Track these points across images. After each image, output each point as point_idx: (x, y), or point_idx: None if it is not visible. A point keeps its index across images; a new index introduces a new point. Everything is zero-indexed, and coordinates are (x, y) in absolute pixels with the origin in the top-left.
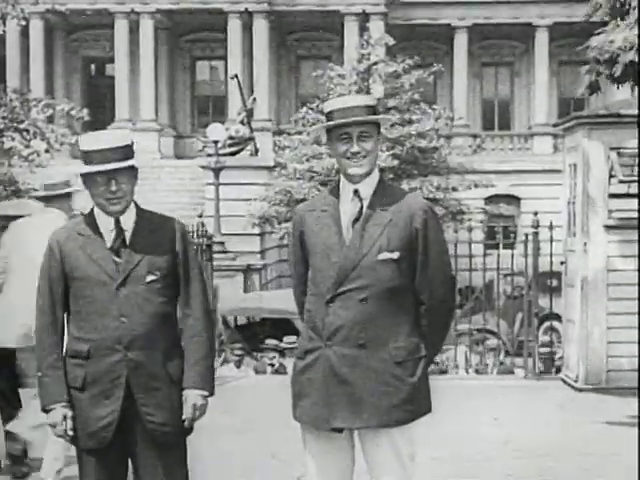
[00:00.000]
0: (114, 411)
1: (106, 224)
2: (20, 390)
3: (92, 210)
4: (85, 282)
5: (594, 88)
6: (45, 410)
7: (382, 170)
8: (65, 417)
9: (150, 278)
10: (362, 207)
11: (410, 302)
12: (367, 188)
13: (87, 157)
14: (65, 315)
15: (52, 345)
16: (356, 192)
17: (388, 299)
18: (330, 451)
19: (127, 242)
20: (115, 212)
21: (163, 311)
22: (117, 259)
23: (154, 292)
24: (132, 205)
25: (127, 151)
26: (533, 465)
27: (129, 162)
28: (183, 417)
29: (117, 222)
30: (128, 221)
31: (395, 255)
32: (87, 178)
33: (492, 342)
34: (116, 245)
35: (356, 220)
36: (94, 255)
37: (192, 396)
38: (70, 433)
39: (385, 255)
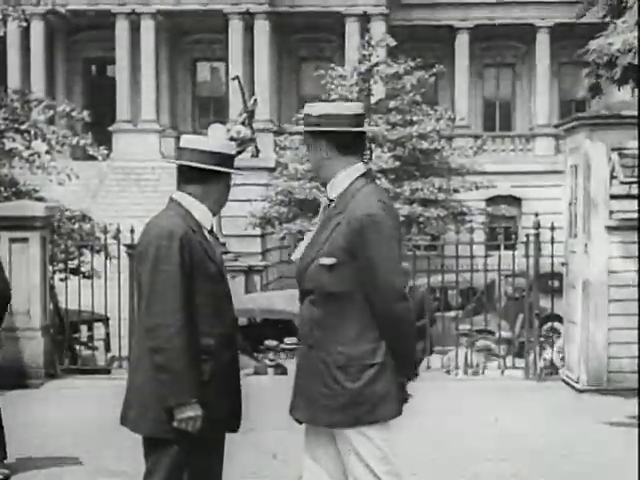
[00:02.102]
0: (237, 402)
1: (205, 222)
2: None
3: (184, 207)
4: (215, 279)
5: (595, 90)
6: (180, 404)
7: (383, 171)
8: (198, 412)
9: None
10: (326, 209)
11: (359, 309)
12: (334, 189)
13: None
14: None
15: (189, 342)
16: (325, 195)
17: (332, 304)
18: (320, 446)
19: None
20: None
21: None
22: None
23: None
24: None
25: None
26: (534, 465)
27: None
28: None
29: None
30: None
31: (330, 261)
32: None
33: (493, 343)
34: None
35: (320, 221)
36: (209, 252)
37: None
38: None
39: (323, 260)
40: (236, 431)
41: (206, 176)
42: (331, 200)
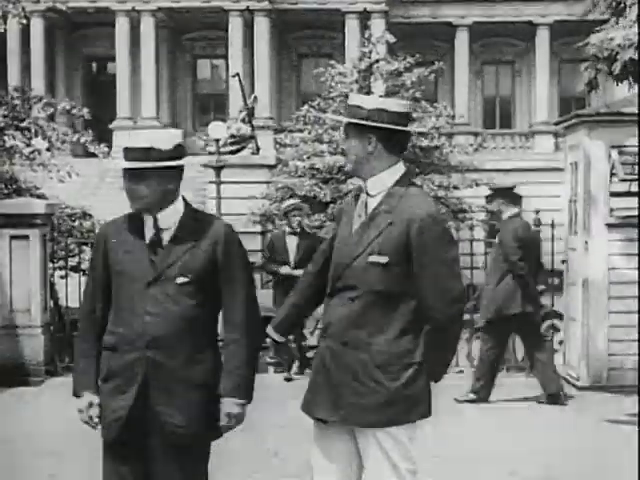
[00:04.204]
0: (125, 407)
1: (148, 222)
2: None
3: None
4: (121, 277)
5: (593, 85)
6: (76, 396)
7: None
8: (91, 404)
9: (181, 280)
10: (367, 205)
11: (403, 308)
12: (376, 186)
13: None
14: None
15: (87, 333)
16: (364, 189)
17: (376, 302)
18: (332, 444)
19: (165, 241)
20: (136, 210)
21: (190, 314)
22: (152, 257)
23: (184, 294)
24: (177, 205)
25: (149, 153)
26: (534, 464)
27: (140, 164)
28: (220, 424)
29: (155, 220)
30: (168, 220)
31: (384, 259)
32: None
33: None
34: (152, 243)
35: (360, 217)
36: (133, 251)
37: (227, 404)
38: (95, 420)
39: (374, 258)
40: (113, 437)
41: None
42: (369, 196)
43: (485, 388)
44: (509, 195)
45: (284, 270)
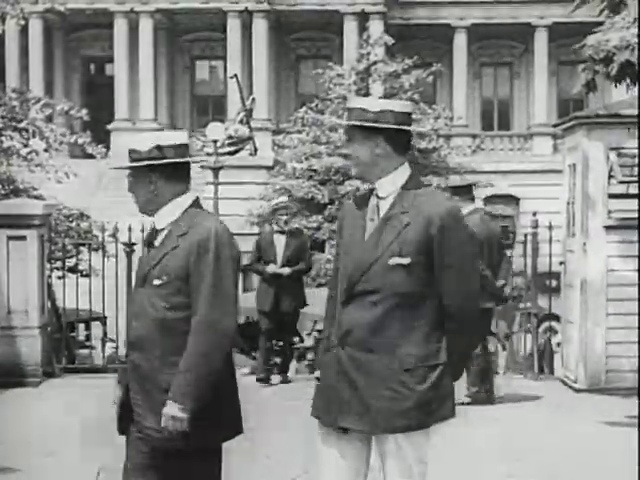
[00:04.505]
0: (118, 405)
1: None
2: None
3: None
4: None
5: (591, 87)
6: None
7: None
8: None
9: (157, 282)
10: (379, 208)
11: (426, 309)
12: (386, 188)
13: None
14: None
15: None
16: (373, 191)
17: (399, 304)
18: (342, 451)
19: (157, 243)
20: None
21: (163, 317)
22: (144, 259)
23: (159, 296)
24: (172, 206)
25: (138, 155)
26: (533, 465)
27: (126, 163)
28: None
29: (154, 222)
30: (162, 221)
31: (406, 261)
32: None
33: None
34: (148, 245)
35: (372, 220)
36: (144, 252)
37: (167, 406)
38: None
39: (396, 260)
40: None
41: None
42: (380, 198)
43: (480, 393)
44: (467, 193)
45: (270, 269)
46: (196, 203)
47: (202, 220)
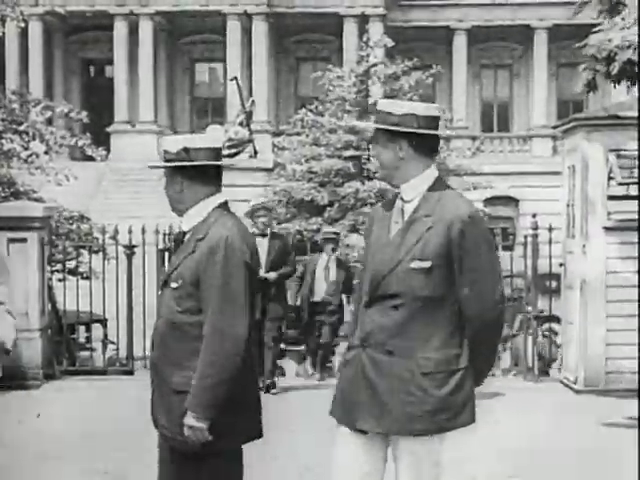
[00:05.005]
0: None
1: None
2: None
3: None
4: None
5: (592, 86)
6: None
7: None
8: None
9: (174, 285)
10: (403, 211)
11: (448, 313)
12: (411, 191)
13: None
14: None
15: None
16: (398, 195)
17: (421, 308)
18: (359, 451)
19: (180, 246)
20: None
21: (177, 320)
22: (169, 261)
23: (174, 299)
24: (200, 208)
25: (169, 155)
26: (532, 467)
27: (157, 163)
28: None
29: (181, 223)
30: (189, 223)
31: (427, 264)
32: None
33: None
34: (175, 246)
35: (397, 223)
36: (173, 253)
37: (186, 417)
38: None
39: (417, 264)
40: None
41: None
42: (405, 202)
43: None
44: None
45: None
46: (223, 206)
47: (219, 225)
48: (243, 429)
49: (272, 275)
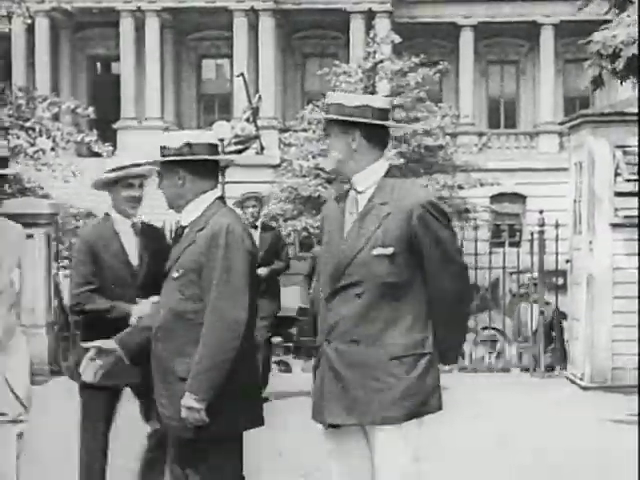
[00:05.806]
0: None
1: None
2: None
3: None
4: None
5: (598, 83)
6: None
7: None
8: None
9: (175, 274)
10: (357, 201)
11: (411, 299)
12: (364, 181)
13: None
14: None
15: None
16: (350, 188)
17: (384, 295)
18: (346, 447)
19: (181, 238)
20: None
21: (179, 308)
22: (172, 254)
23: (176, 288)
24: (198, 203)
25: (168, 151)
26: (538, 463)
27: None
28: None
29: (180, 219)
30: (187, 218)
31: (389, 251)
32: None
33: (498, 340)
34: (174, 239)
35: (352, 214)
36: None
37: (184, 398)
38: None
39: (379, 250)
40: None
41: None
42: (358, 192)
43: None
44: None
45: None
46: (220, 200)
47: (219, 216)
48: (245, 415)
49: (263, 271)
